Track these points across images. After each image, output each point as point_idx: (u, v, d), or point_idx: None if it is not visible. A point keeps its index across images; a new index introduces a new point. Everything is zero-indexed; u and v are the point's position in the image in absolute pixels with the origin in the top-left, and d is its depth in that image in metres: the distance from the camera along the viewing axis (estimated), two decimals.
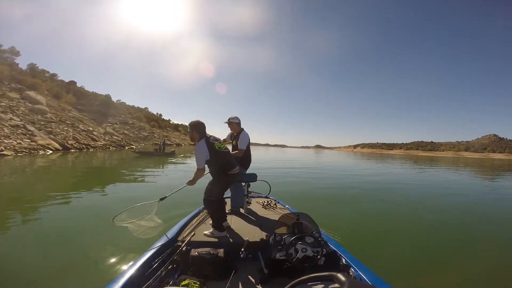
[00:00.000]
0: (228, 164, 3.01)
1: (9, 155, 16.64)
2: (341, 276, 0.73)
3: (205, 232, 2.95)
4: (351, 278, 0.72)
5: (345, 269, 2.21)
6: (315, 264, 2.12)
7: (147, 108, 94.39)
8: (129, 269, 2.03)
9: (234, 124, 3.98)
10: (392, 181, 13.48)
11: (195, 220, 3.35)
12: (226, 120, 4.02)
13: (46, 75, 51.22)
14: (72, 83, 57.22)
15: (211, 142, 2.86)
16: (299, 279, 0.87)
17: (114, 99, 69.20)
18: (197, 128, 2.92)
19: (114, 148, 32.48)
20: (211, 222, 3.04)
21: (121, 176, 11.24)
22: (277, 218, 2.59)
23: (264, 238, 2.85)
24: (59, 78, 54.86)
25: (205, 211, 3.66)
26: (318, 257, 2.14)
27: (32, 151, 19.42)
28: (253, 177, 3.95)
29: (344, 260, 2.33)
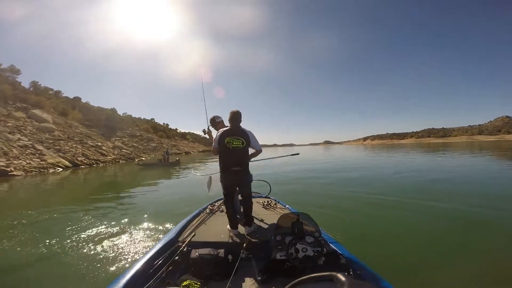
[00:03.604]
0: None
1: (18, 175, 16.40)
2: (341, 276, 0.73)
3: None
4: (352, 278, 0.72)
5: (345, 269, 2.18)
6: (316, 264, 2.12)
7: (154, 119, 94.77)
8: (130, 270, 2.04)
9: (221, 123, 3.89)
10: (395, 178, 12.76)
11: (195, 220, 3.40)
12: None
13: (50, 92, 51.51)
14: (77, 99, 57.52)
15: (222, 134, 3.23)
16: (299, 279, 0.87)
17: (119, 112, 69.54)
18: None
19: (123, 161, 32.26)
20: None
21: (122, 190, 11.31)
22: (277, 218, 2.60)
23: (264, 238, 2.85)
24: (64, 95, 55.14)
25: (206, 211, 3.81)
26: (319, 256, 2.14)
27: (42, 170, 19.15)
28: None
29: (344, 260, 2.30)
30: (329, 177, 13.04)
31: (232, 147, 3.15)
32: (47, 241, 4.45)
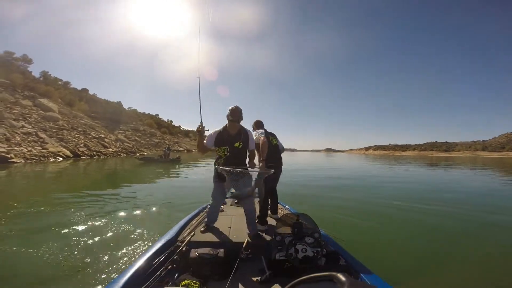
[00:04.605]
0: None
1: (18, 163, 16.43)
2: (341, 276, 0.72)
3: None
4: (351, 278, 0.71)
5: (345, 269, 2.18)
6: (315, 264, 2.14)
7: (158, 114, 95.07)
8: (129, 269, 2.03)
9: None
10: (394, 181, 13.07)
11: (195, 220, 3.38)
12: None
13: (59, 83, 51.92)
14: (85, 90, 57.99)
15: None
16: (298, 279, 0.85)
17: (125, 106, 69.91)
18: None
19: (125, 155, 32.30)
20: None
21: (121, 184, 11.27)
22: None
23: (264, 238, 2.86)
24: (72, 86, 55.55)
25: (205, 210, 3.75)
26: (318, 257, 2.16)
27: (42, 159, 19.20)
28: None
29: (344, 260, 2.32)
30: (330, 181, 13.06)
31: (274, 144, 3.50)
32: (40, 237, 4.27)
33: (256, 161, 3.16)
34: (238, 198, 3.37)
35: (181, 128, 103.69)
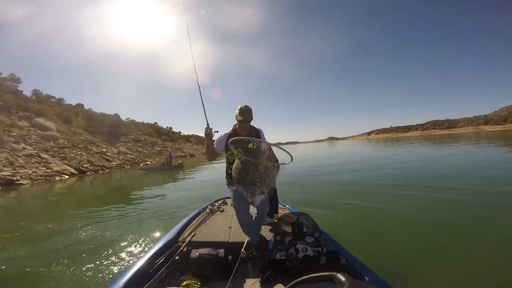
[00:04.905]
0: None
1: (25, 184, 16.59)
2: (341, 276, 0.72)
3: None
4: (351, 278, 0.71)
5: (345, 269, 2.14)
6: (316, 264, 2.13)
7: (157, 122, 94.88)
8: (130, 270, 2.05)
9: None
10: (396, 176, 12.00)
11: (195, 220, 3.41)
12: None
13: (52, 100, 51.56)
14: (80, 105, 57.76)
15: None
16: (299, 279, 0.86)
17: (123, 117, 69.97)
18: None
19: (129, 166, 32.39)
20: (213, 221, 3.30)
21: (125, 194, 11.54)
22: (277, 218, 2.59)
23: (265, 238, 2.85)
24: (66, 102, 55.21)
25: (206, 211, 3.79)
26: (319, 256, 2.15)
27: (48, 178, 19.29)
28: None
29: (344, 260, 2.28)
30: (329, 177, 12.79)
31: None
32: (45, 243, 4.64)
33: None
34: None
35: (181, 134, 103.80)
